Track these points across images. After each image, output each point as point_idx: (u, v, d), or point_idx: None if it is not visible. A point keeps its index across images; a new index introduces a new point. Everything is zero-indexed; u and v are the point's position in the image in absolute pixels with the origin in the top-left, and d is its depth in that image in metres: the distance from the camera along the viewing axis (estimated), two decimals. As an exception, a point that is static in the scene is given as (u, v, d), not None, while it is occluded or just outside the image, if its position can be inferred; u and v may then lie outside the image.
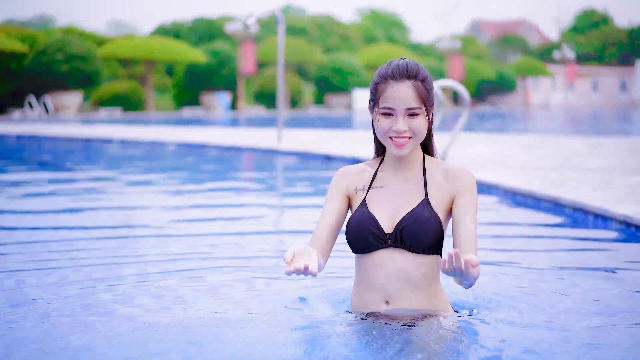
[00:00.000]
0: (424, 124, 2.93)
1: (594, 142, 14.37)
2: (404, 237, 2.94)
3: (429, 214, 2.94)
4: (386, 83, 2.92)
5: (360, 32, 57.75)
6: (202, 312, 3.34)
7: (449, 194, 2.98)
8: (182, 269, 4.33)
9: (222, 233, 5.64)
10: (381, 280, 2.97)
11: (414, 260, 2.95)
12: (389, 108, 2.91)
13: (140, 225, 6.11)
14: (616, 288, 3.91)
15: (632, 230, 5.49)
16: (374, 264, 2.98)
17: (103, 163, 12.84)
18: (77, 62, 36.01)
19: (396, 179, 3.03)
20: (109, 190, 8.64)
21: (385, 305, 2.98)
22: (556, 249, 5.17)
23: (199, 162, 12.61)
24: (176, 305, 3.47)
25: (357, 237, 2.98)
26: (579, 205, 6.26)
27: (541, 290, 3.77)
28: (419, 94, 2.89)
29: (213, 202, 7.55)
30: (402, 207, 2.98)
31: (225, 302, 3.53)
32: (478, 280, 3.32)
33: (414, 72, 2.92)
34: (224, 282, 3.96)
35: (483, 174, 8.39)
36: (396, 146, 2.92)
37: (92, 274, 4.15)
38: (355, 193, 3.06)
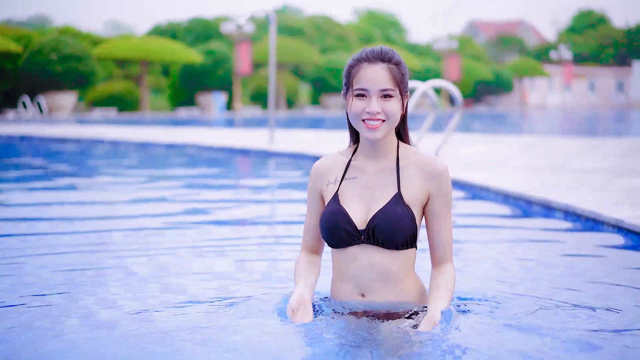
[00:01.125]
0: (397, 107, 2.90)
1: (590, 143, 14.24)
2: (377, 234, 2.91)
3: (402, 210, 2.91)
4: (360, 65, 2.91)
5: (357, 33, 57.65)
6: (174, 304, 3.36)
7: (424, 191, 2.96)
8: (163, 269, 4.31)
9: (203, 233, 5.51)
10: (356, 275, 2.97)
11: (387, 256, 2.93)
12: (362, 89, 2.89)
13: (123, 227, 5.98)
14: (604, 293, 3.78)
15: (624, 234, 5.35)
16: (348, 258, 2.97)
17: (91, 164, 12.69)
18: (71, 62, 35.86)
19: (370, 169, 2.99)
20: (94, 191, 8.50)
21: (361, 298, 2.98)
22: (543, 252, 5.02)
23: (188, 163, 12.47)
24: (157, 305, 3.45)
25: (330, 234, 2.96)
26: (570, 208, 6.12)
27: (523, 289, 3.73)
28: (394, 76, 2.89)
29: (197, 205, 7.40)
30: (374, 201, 2.95)
31: (205, 300, 3.52)
32: (458, 278, 3.55)
33: (388, 55, 2.91)
34: (202, 282, 3.95)
35: (475, 176, 8.25)
36: (369, 129, 2.89)
37: (74, 278, 4.07)
38: (327, 187, 3.04)
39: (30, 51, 35.74)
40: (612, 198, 6.48)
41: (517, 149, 12.73)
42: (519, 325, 3.06)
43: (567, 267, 4.53)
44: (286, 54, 44.55)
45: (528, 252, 5.06)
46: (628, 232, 5.31)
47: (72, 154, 14.35)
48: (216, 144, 14.18)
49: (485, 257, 4.83)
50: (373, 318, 2.93)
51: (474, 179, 8.04)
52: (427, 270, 3.18)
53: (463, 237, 5.48)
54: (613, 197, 6.57)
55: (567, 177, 8.26)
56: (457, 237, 5.39)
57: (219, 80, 43.09)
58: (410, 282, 2.99)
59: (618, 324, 3.19)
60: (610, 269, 4.48)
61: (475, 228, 6.04)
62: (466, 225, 6.06)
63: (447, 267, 3.00)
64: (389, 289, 2.95)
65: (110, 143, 16.13)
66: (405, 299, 2.98)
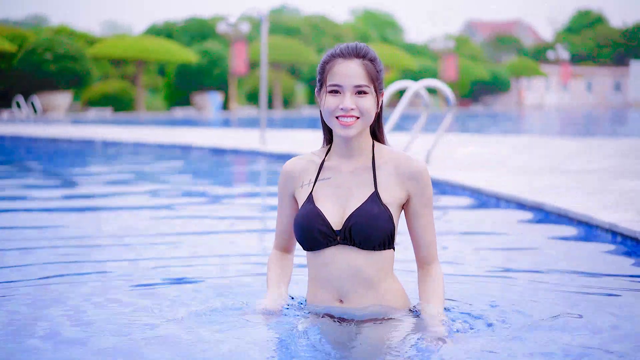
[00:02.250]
0: (372, 104, 2.81)
1: (587, 143, 14.09)
2: (353, 235, 2.81)
3: (379, 208, 2.81)
4: (334, 61, 2.83)
5: (353, 32, 57.49)
6: (151, 304, 3.35)
7: (403, 191, 2.87)
8: (142, 269, 4.32)
9: (181, 233, 5.33)
10: (333, 278, 2.87)
11: (365, 257, 2.84)
12: (336, 85, 2.80)
13: (108, 228, 5.87)
14: (593, 300, 3.63)
15: (618, 239, 5.17)
16: (325, 261, 2.87)
17: (80, 164, 12.50)
18: (66, 62, 35.72)
19: (344, 169, 2.90)
20: (81, 192, 8.31)
21: (339, 304, 2.89)
22: (533, 257, 4.85)
23: (178, 164, 12.30)
24: (134, 306, 3.44)
25: (304, 236, 2.86)
26: (563, 212, 5.94)
27: (508, 297, 3.62)
28: (368, 72, 2.80)
29: (178, 208, 7.22)
30: (350, 201, 2.86)
31: (181, 302, 3.50)
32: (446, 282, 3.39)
33: (363, 51, 2.83)
34: (184, 284, 3.95)
35: (467, 177, 8.08)
36: (343, 125, 2.79)
37: (54, 280, 4.02)
38: (301, 188, 2.94)
39: (25, 51, 35.58)
40: (607, 201, 6.30)
41: (512, 150, 12.57)
42: (507, 335, 2.97)
43: (557, 273, 4.36)
44: (282, 54, 44.44)
45: (518, 257, 4.88)
46: (622, 236, 5.13)
47: (60, 154, 14.17)
48: (207, 145, 14.01)
49: (474, 262, 4.66)
50: (352, 325, 2.85)
51: (466, 180, 7.86)
52: (409, 274, 3.03)
53: (451, 242, 5.32)
54: (608, 199, 6.39)
55: (562, 179, 8.09)
56: (444, 243, 5.24)
57: (215, 80, 42.96)
58: (389, 286, 2.90)
59: (612, 334, 3.08)
60: (603, 274, 4.32)
61: (466, 234, 5.86)
62: (455, 231, 5.89)
63: (433, 269, 2.94)
64: (367, 293, 2.86)
65: (101, 143, 15.94)
66: (384, 303, 2.89)
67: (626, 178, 8.10)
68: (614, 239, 5.22)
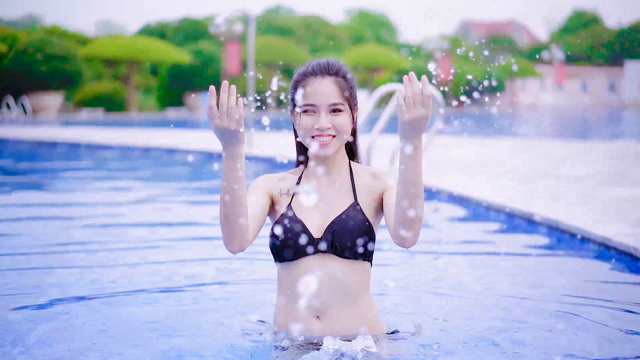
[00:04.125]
0: (347, 122, 2.78)
1: (580, 146, 13.85)
2: (335, 241, 2.75)
3: (360, 217, 2.78)
4: (307, 80, 2.78)
5: (348, 33, 57.27)
6: (115, 329, 3.22)
7: (377, 192, 2.83)
8: (114, 277, 4.31)
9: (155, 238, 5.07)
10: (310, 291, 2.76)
11: (344, 267, 2.76)
12: (310, 105, 2.75)
13: (86, 231, 5.79)
14: (580, 316, 3.44)
15: (611, 253, 4.90)
16: (303, 272, 2.76)
17: (60, 167, 12.20)
18: (57, 62, 35.45)
19: (322, 184, 2.86)
20: (61, 196, 8.04)
21: (317, 322, 2.77)
22: (519, 271, 4.58)
23: (161, 168, 12.02)
24: (97, 315, 3.44)
25: (284, 243, 2.75)
26: (554, 223, 5.66)
27: (493, 316, 3.48)
28: (342, 90, 2.77)
29: (156, 211, 6.94)
30: (331, 211, 2.81)
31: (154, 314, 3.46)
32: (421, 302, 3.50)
33: (335, 68, 2.79)
34: (150, 290, 3.92)
35: (456, 184, 7.81)
36: (320, 145, 2.76)
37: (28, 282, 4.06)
38: (280, 197, 2.86)
39: (16, 51, 35.28)
40: (599, 211, 6.04)
41: (503, 153, 12.33)
42: (486, 352, 2.91)
43: (545, 286, 4.11)
44: (275, 54, 44.23)
45: (505, 270, 4.61)
46: (618, 252, 4.86)
47: (42, 157, 13.88)
48: (192, 147, 13.72)
49: (457, 276, 4.39)
50: (329, 347, 2.72)
51: (454, 187, 7.59)
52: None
53: (435, 254, 5.06)
54: (599, 209, 6.12)
55: (553, 185, 7.82)
56: (424, 249, 4.99)
57: (208, 80, 42.71)
58: (366, 302, 2.83)
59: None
60: (592, 289, 4.07)
61: (451, 245, 5.59)
62: (440, 241, 5.62)
63: None
64: (345, 307, 2.77)
65: (86, 146, 15.65)
66: (362, 321, 2.79)
67: (620, 185, 7.84)
68: (607, 252, 4.95)
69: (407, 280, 4.30)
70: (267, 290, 3.86)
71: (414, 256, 4.96)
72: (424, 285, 4.20)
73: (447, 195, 7.56)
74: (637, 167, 9.95)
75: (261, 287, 4.08)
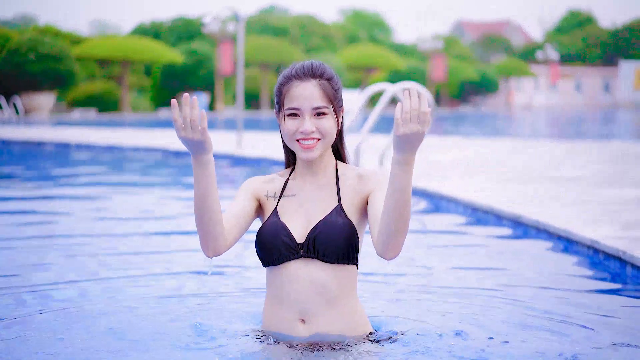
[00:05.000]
0: (332, 125, 2.79)
1: (572, 147, 13.75)
2: (317, 246, 2.77)
3: (343, 220, 2.78)
4: (291, 83, 2.79)
5: (342, 32, 57.14)
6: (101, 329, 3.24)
7: (363, 194, 2.82)
8: (92, 277, 4.27)
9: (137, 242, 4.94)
10: (295, 295, 2.79)
11: (328, 271, 2.78)
12: (294, 108, 2.77)
13: (67, 234, 5.70)
14: (565, 322, 3.32)
15: (599, 257, 4.78)
16: (287, 277, 2.80)
17: (47, 168, 12.06)
18: (49, 62, 35.23)
19: (308, 186, 2.87)
20: (45, 198, 7.90)
21: (302, 324, 2.80)
22: (507, 275, 4.46)
23: (148, 169, 11.87)
24: (78, 318, 3.43)
25: (268, 248, 2.80)
26: (542, 226, 5.54)
27: (477, 319, 3.42)
28: (326, 92, 2.77)
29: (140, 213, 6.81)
30: (314, 215, 2.82)
31: (136, 316, 3.47)
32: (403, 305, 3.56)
33: (319, 71, 2.80)
34: (136, 295, 3.92)
35: (445, 185, 7.69)
36: (304, 149, 2.77)
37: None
38: (267, 200, 2.89)
39: (8, 51, 35.06)
40: (589, 213, 5.92)
41: (495, 155, 12.21)
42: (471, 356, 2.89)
43: (532, 294, 3.98)
44: (269, 54, 44.12)
45: (492, 275, 4.49)
46: (604, 254, 4.74)
47: (31, 158, 13.74)
48: (182, 149, 13.56)
49: (444, 278, 4.27)
50: (315, 350, 2.77)
51: (443, 189, 7.46)
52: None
53: (422, 255, 4.99)
54: (590, 212, 6.01)
55: (544, 187, 7.71)
56: (415, 255, 4.87)
57: (201, 80, 42.55)
58: (351, 306, 2.83)
59: None
60: (579, 295, 3.94)
61: (439, 247, 5.47)
62: (428, 243, 5.50)
63: None
64: (330, 312, 2.78)
65: (75, 146, 15.49)
66: (347, 324, 2.81)
67: (612, 187, 7.73)
68: (596, 256, 4.83)
69: (400, 284, 4.20)
70: (257, 293, 3.84)
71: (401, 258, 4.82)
72: (412, 288, 4.12)
73: (435, 196, 7.44)
74: (630, 168, 9.85)
75: (252, 286, 4.08)
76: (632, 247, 4.51)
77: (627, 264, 4.44)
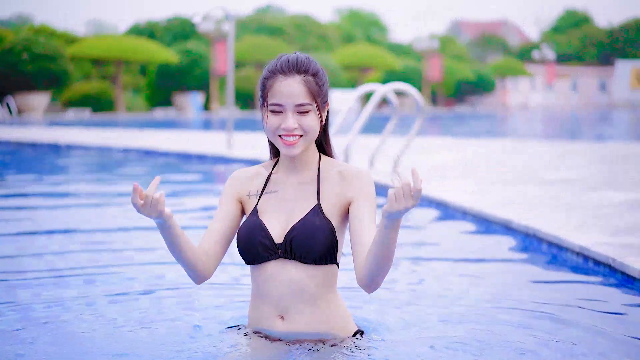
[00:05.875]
0: (315, 122, 2.76)
1: (566, 148, 13.62)
2: (294, 248, 2.76)
3: (320, 221, 2.76)
4: (275, 78, 2.75)
5: (338, 32, 57.02)
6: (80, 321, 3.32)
7: (344, 197, 2.80)
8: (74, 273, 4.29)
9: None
10: (274, 293, 2.81)
11: (306, 272, 2.78)
12: (277, 104, 2.74)
13: (53, 235, 5.66)
14: (550, 330, 3.17)
15: (589, 264, 4.63)
16: (266, 276, 2.81)
17: (35, 169, 11.90)
18: (43, 61, 35.08)
19: (290, 182, 2.86)
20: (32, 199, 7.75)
21: (281, 321, 2.82)
22: (493, 281, 4.32)
23: (137, 170, 11.72)
24: (61, 314, 3.47)
25: (246, 248, 2.81)
26: (531, 231, 5.40)
27: (462, 329, 3.32)
28: (310, 89, 2.74)
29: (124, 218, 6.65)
30: (293, 214, 2.81)
31: (121, 314, 3.50)
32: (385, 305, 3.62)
33: (304, 66, 2.75)
34: (121, 294, 3.93)
35: (432, 189, 7.54)
36: (286, 145, 2.74)
37: None
38: (248, 199, 2.89)
39: (1, 50, 34.89)
40: (579, 218, 5.78)
41: (487, 156, 12.08)
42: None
43: (518, 299, 3.86)
44: (264, 54, 43.99)
45: (480, 282, 4.35)
46: (593, 261, 4.60)
47: (19, 159, 13.59)
48: (172, 149, 13.42)
49: (431, 285, 4.14)
50: (293, 346, 2.80)
51: (432, 192, 7.32)
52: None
53: (408, 262, 4.87)
54: (580, 216, 5.87)
55: (535, 190, 7.57)
56: (400, 261, 4.75)
57: (196, 80, 42.41)
58: (331, 304, 2.83)
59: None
60: (568, 302, 3.83)
61: (425, 252, 5.32)
62: (414, 248, 5.35)
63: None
64: (308, 310, 2.80)
65: (65, 147, 15.33)
66: (326, 322, 2.82)
67: (603, 190, 7.60)
68: (585, 264, 4.69)
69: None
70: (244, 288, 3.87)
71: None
72: (398, 289, 4.05)
73: (423, 199, 7.30)
74: (623, 170, 9.72)
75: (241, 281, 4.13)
76: (622, 254, 4.37)
77: (617, 271, 4.30)
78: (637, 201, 6.71)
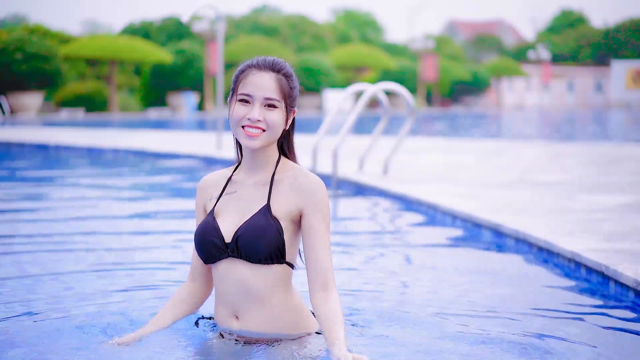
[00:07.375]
0: (280, 119, 2.80)
1: (559, 149, 13.49)
2: (240, 247, 2.81)
3: (267, 221, 2.79)
4: (248, 70, 2.81)
5: (333, 32, 56.85)
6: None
7: (295, 205, 2.82)
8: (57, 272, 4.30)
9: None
10: (227, 293, 2.88)
11: (255, 271, 2.82)
12: (246, 94, 2.79)
13: (36, 239, 5.48)
14: (547, 336, 3.01)
15: (581, 271, 4.47)
16: (219, 275, 2.89)
17: (22, 170, 11.73)
18: (37, 61, 34.88)
19: (248, 183, 2.91)
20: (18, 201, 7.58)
21: (236, 321, 2.89)
22: (483, 288, 4.16)
23: (126, 171, 11.55)
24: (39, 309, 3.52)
25: (200, 248, 2.88)
26: (521, 235, 5.24)
27: (450, 338, 3.18)
28: (281, 87, 2.80)
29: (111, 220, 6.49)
30: (245, 213, 2.86)
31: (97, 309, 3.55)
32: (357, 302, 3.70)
33: (279, 66, 2.82)
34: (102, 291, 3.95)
35: (422, 191, 7.38)
36: (247, 136, 2.78)
37: None
38: (210, 202, 2.96)
39: (-6, 50, 34.69)
40: (572, 222, 5.62)
41: (478, 157, 11.92)
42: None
43: (509, 306, 3.72)
44: (260, 54, 43.55)
45: (468, 285, 4.19)
46: (585, 268, 4.44)
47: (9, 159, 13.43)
48: (161, 150, 13.25)
49: (419, 293, 3.99)
50: (249, 345, 2.86)
51: (422, 194, 7.16)
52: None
53: (398, 267, 4.74)
54: (573, 221, 5.71)
55: (526, 193, 7.41)
56: (390, 267, 4.59)
57: (191, 80, 42.26)
58: (282, 303, 2.86)
59: None
60: (558, 310, 3.70)
61: (414, 257, 5.16)
62: (402, 253, 5.19)
63: (331, 296, 2.78)
64: (258, 309, 2.84)
65: (54, 148, 15.15)
66: (278, 321, 2.86)
67: (596, 192, 7.44)
68: (577, 270, 4.53)
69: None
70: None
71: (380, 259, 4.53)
72: (385, 298, 3.90)
73: (412, 202, 7.15)
74: (616, 171, 9.58)
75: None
76: (615, 262, 4.20)
77: (610, 279, 4.14)
78: (630, 204, 6.57)
